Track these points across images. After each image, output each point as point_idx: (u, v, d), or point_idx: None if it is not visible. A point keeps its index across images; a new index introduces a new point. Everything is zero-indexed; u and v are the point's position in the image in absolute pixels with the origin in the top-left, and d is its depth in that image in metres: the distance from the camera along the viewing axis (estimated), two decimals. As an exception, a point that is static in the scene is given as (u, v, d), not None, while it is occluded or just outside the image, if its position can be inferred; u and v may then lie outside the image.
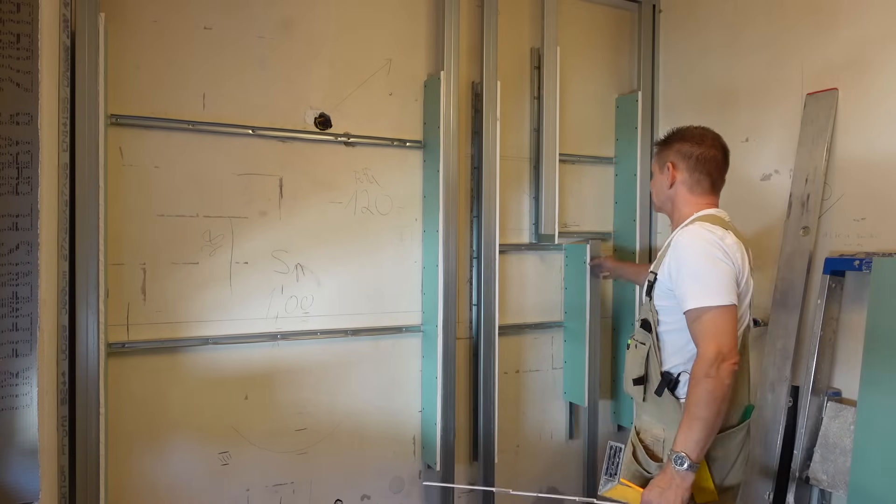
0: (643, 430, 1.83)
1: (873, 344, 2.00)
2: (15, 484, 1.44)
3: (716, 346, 1.58)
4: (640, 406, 1.86)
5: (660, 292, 1.77)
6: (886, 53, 2.13)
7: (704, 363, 1.58)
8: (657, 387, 1.76)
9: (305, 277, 2.41)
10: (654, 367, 1.77)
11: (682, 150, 1.85)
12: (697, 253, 1.66)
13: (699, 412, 1.57)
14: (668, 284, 1.73)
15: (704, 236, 1.67)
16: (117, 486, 2.14)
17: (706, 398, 1.56)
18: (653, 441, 1.79)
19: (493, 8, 2.63)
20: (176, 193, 2.21)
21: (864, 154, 2.19)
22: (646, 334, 1.81)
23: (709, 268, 1.64)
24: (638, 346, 1.84)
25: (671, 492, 1.58)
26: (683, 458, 1.56)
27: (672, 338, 1.75)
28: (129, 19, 2.14)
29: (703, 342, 1.61)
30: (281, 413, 2.39)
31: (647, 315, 1.82)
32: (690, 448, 1.57)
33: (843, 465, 2.08)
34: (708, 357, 1.58)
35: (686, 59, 2.91)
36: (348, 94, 2.48)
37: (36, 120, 1.45)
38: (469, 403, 2.73)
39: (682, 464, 1.57)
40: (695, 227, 1.72)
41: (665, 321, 1.76)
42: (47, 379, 1.66)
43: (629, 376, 1.86)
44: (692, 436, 1.57)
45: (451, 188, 2.52)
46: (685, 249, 1.69)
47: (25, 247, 1.44)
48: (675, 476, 1.58)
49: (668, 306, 1.75)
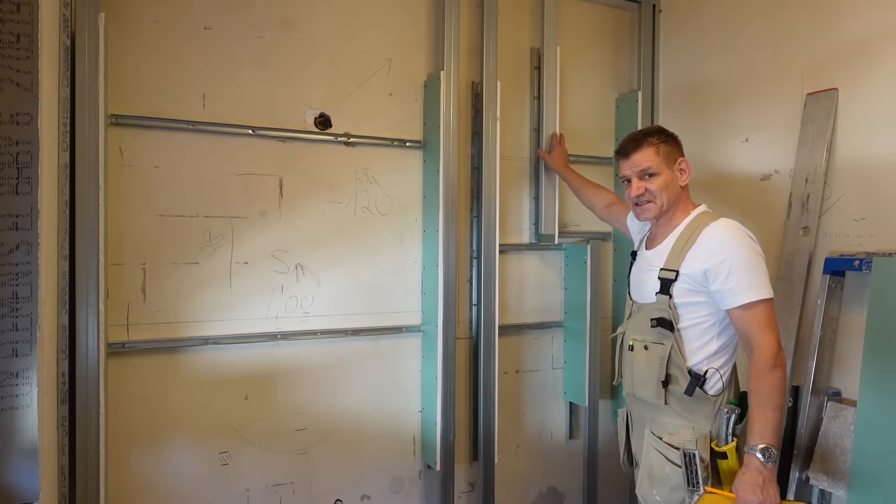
0: (667, 433, 1.78)
1: (873, 344, 2.00)
2: (15, 484, 1.44)
3: (776, 336, 1.63)
4: (656, 409, 1.80)
5: (685, 289, 1.73)
6: (886, 53, 2.13)
7: (770, 354, 1.61)
8: (686, 387, 1.72)
9: (305, 277, 2.41)
10: (679, 366, 1.74)
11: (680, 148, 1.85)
12: (744, 247, 1.67)
13: (775, 402, 1.59)
14: (700, 280, 1.70)
15: (744, 231, 1.70)
16: (117, 486, 2.14)
17: (779, 387, 1.60)
18: (683, 443, 1.75)
19: (493, 8, 2.63)
20: (176, 193, 2.21)
21: (864, 154, 2.18)
22: (664, 333, 1.77)
23: (756, 261, 1.67)
24: (651, 347, 1.78)
25: (770, 486, 1.58)
26: (771, 450, 1.57)
27: (693, 334, 1.74)
28: (129, 19, 2.14)
29: (762, 334, 1.64)
30: (281, 413, 2.39)
31: (663, 314, 1.77)
32: (774, 439, 1.58)
33: (843, 465, 2.08)
34: (772, 347, 1.62)
35: (686, 59, 2.91)
36: (348, 94, 2.48)
37: (36, 120, 1.45)
38: (469, 403, 2.73)
39: (769, 456, 1.57)
40: (724, 222, 1.72)
41: (687, 317, 1.74)
42: (47, 379, 1.66)
43: (647, 379, 1.79)
44: (772, 426, 1.59)
45: (451, 188, 2.52)
46: (730, 244, 1.68)
47: (25, 247, 1.45)
48: (764, 470, 1.58)
49: (691, 303, 1.73)
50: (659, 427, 1.81)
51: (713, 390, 1.74)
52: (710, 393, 1.72)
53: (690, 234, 1.77)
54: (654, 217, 1.88)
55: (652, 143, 1.84)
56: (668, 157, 1.84)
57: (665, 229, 1.90)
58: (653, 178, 1.83)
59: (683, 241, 1.76)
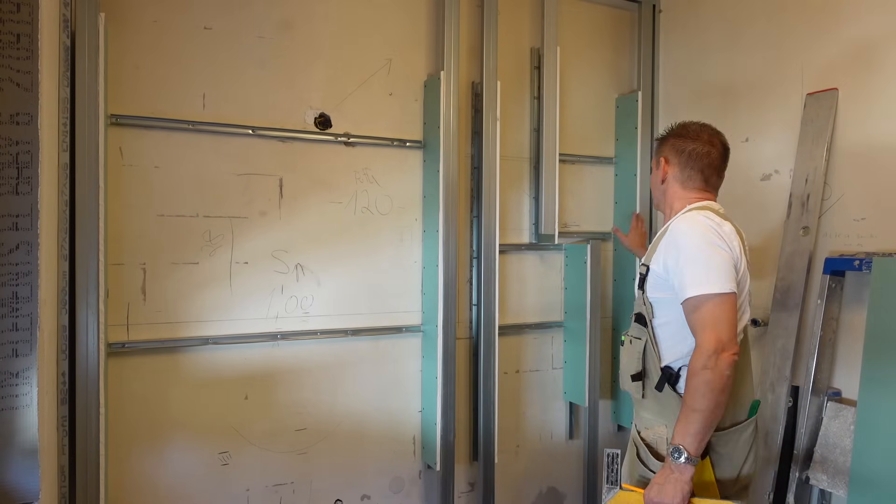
0: (644, 428, 1.80)
1: (873, 344, 2.00)
2: (15, 484, 1.44)
3: (715, 336, 1.54)
4: (639, 403, 1.82)
5: (653, 284, 1.73)
6: (886, 53, 2.13)
7: (703, 354, 1.54)
8: (657, 382, 1.72)
9: (305, 277, 2.41)
10: (653, 362, 1.73)
11: (675, 145, 1.83)
12: (695, 239, 1.61)
13: (697, 404, 1.53)
14: (663, 275, 1.69)
15: (702, 222, 1.64)
16: (117, 486, 2.14)
17: (703, 390, 1.52)
18: (655, 439, 1.76)
19: (493, 8, 2.64)
20: (176, 193, 2.21)
21: (864, 154, 2.19)
22: (641, 329, 1.77)
23: (708, 254, 1.59)
24: (633, 342, 1.80)
25: (670, 486, 1.54)
26: (681, 450, 1.53)
27: (669, 331, 1.71)
28: (129, 19, 2.14)
29: (702, 332, 1.56)
30: (281, 413, 2.39)
31: (640, 309, 1.77)
32: (689, 441, 1.53)
33: (843, 465, 2.08)
34: (707, 348, 1.53)
35: (686, 59, 2.91)
36: (348, 94, 2.48)
37: (36, 120, 1.45)
38: (469, 403, 2.73)
39: (679, 456, 1.53)
40: (691, 214, 1.69)
41: (661, 314, 1.72)
42: (47, 379, 1.66)
43: (626, 372, 1.82)
44: (689, 428, 1.54)
45: (451, 188, 2.52)
46: (682, 236, 1.64)
47: (25, 247, 1.45)
48: (673, 470, 1.55)
49: (662, 298, 1.71)
50: (640, 421, 1.82)
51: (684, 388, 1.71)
52: (682, 392, 1.69)
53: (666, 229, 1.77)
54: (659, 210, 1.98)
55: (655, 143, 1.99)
56: (657, 155, 1.91)
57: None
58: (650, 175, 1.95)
59: (659, 237, 1.77)
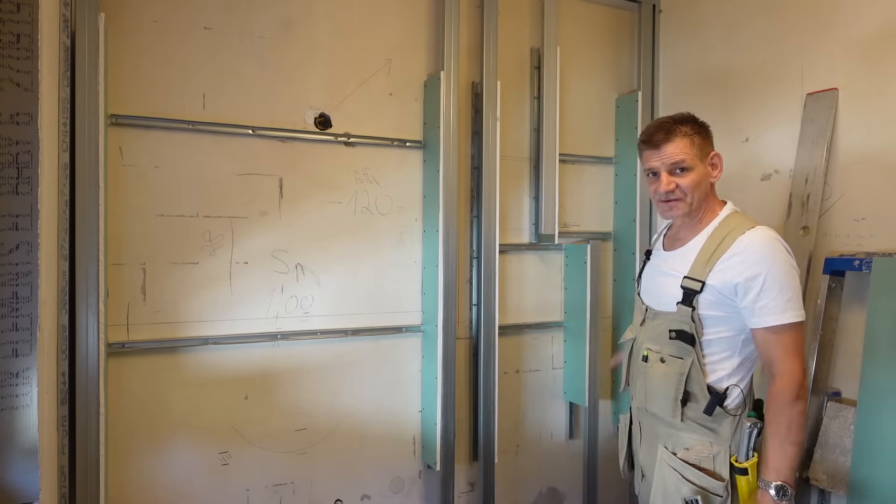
0: (683, 449, 1.65)
1: (873, 344, 2.00)
2: (15, 484, 1.44)
3: (802, 365, 1.49)
4: (671, 425, 1.67)
5: (711, 302, 1.57)
6: (886, 53, 2.13)
7: (794, 384, 1.48)
8: (706, 406, 1.59)
9: (305, 277, 2.41)
10: (699, 383, 1.60)
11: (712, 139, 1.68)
12: (781, 263, 1.51)
13: (795, 437, 1.48)
14: (728, 293, 1.55)
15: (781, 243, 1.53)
16: (117, 486, 2.14)
17: (799, 422, 1.48)
18: (700, 459, 1.62)
19: (493, 8, 2.63)
20: (176, 193, 2.21)
21: (864, 154, 2.18)
22: (684, 348, 1.61)
23: (792, 279, 1.51)
24: (669, 361, 1.64)
25: None
26: (787, 488, 1.46)
27: (714, 349, 1.60)
28: (129, 19, 2.14)
29: (786, 360, 1.50)
30: (281, 413, 2.39)
31: (684, 326, 1.61)
32: (790, 476, 1.47)
33: (843, 465, 2.08)
34: (797, 377, 1.48)
35: (686, 59, 2.91)
36: (348, 94, 2.48)
37: (36, 120, 1.45)
38: (469, 403, 2.73)
39: (784, 494, 1.46)
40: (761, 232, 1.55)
41: (709, 332, 1.59)
42: (47, 379, 1.66)
43: (661, 396, 1.65)
44: (789, 463, 1.48)
45: (451, 188, 2.52)
46: (767, 258, 1.51)
47: (25, 247, 1.44)
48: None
49: (716, 316, 1.58)
50: (673, 442, 1.67)
51: (733, 405, 1.62)
52: (730, 408, 1.60)
53: (721, 239, 1.59)
54: (682, 216, 1.69)
55: (686, 134, 1.63)
56: (702, 150, 1.64)
57: (690, 231, 1.71)
58: (685, 173, 1.63)
59: (712, 248, 1.59)
